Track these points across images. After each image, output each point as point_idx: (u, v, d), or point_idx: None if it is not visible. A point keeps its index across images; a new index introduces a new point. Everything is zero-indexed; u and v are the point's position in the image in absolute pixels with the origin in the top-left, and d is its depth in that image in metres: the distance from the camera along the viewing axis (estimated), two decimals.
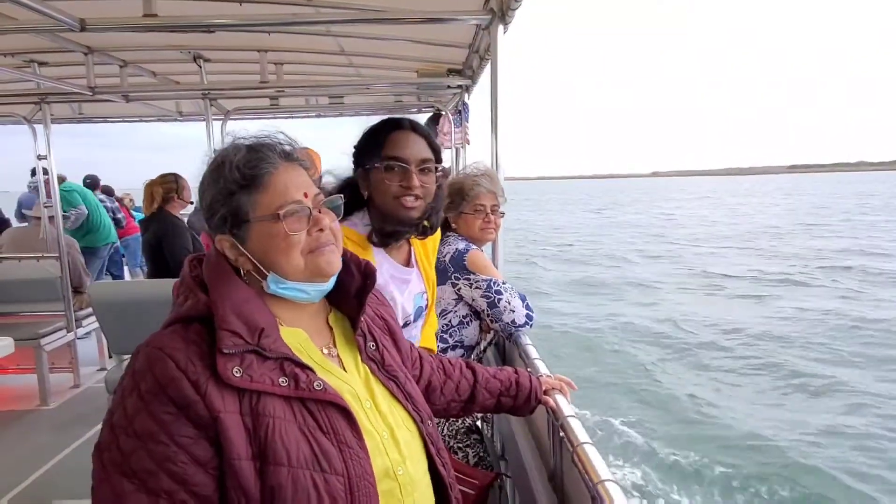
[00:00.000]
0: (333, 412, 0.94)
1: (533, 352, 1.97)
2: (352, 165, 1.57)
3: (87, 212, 6.16)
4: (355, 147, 1.54)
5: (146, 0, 2.56)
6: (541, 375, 1.59)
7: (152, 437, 0.81)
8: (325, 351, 1.05)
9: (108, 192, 7.83)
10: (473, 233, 2.28)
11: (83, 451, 3.57)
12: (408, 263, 1.66)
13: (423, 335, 1.78)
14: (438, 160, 1.50)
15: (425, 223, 1.53)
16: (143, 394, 0.83)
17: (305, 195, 0.99)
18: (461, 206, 2.27)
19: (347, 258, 1.09)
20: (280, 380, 0.90)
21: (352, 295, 1.11)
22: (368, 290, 1.11)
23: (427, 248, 1.77)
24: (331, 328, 1.10)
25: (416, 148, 1.47)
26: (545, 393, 1.52)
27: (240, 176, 0.96)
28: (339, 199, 1.06)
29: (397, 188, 1.45)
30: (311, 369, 0.95)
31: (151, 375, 0.84)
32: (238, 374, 0.86)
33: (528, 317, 2.13)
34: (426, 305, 1.69)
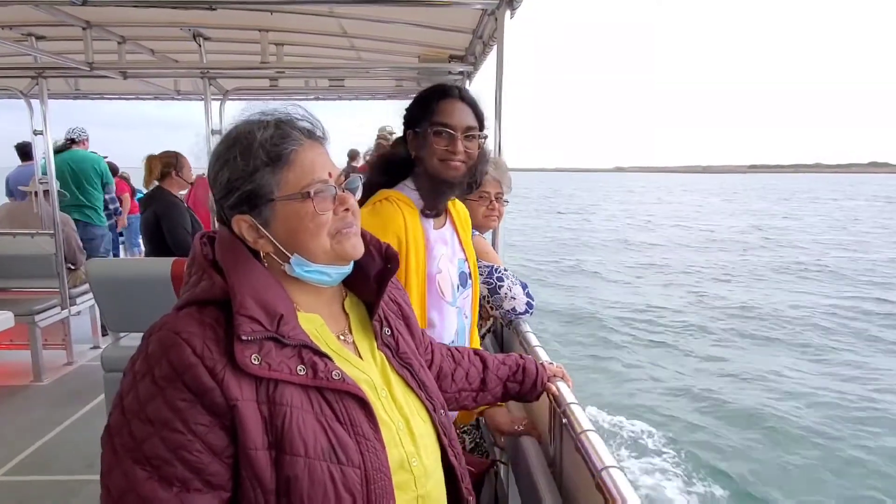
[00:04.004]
0: (351, 402, 0.91)
1: (533, 339, 1.98)
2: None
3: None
4: (406, 110, 1.64)
5: None
6: (542, 363, 1.59)
7: (167, 424, 0.79)
8: (341, 337, 1.02)
9: (113, 170, 7.64)
10: (477, 219, 2.27)
11: (76, 427, 3.57)
12: (443, 224, 1.75)
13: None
14: (482, 127, 1.60)
15: (469, 181, 1.66)
16: (157, 379, 0.81)
17: (330, 174, 0.95)
18: (465, 192, 2.27)
19: (367, 240, 1.05)
20: (298, 368, 0.87)
21: (371, 279, 1.08)
22: (391, 275, 1.08)
23: (462, 219, 1.82)
24: (346, 314, 1.07)
25: (463, 116, 1.56)
26: (548, 380, 1.52)
27: (264, 153, 0.91)
28: (358, 181, 1.03)
29: (443, 152, 1.55)
30: (329, 358, 0.92)
31: (166, 361, 0.81)
32: (256, 362, 0.84)
33: (529, 304, 2.14)
34: (469, 273, 1.74)
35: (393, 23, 3.72)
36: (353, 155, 8.67)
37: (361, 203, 1.63)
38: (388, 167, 1.69)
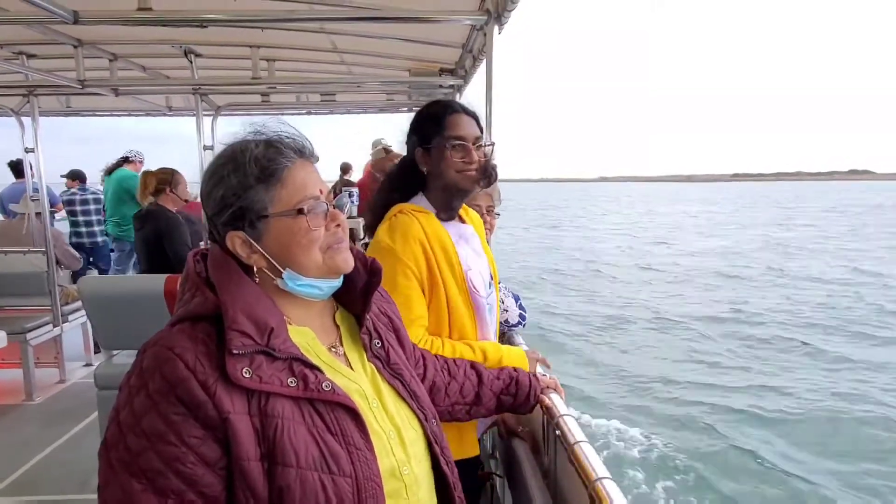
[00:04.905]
0: (342, 413, 0.93)
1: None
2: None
3: None
4: (412, 129, 1.72)
5: None
6: (535, 374, 1.60)
7: (161, 437, 0.81)
8: (332, 349, 1.04)
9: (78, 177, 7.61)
10: None
11: (69, 446, 3.54)
12: (461, 222, 1.82)
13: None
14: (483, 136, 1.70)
15: (483, 179, 1.73)
16: (151, 393, 0.82)
17: (321, 191, 0.98)
18: (483, 187, 2.31)
19: (354, 254, 1.07)
20: (289, 380, 0.89)
21: (358, 292, 1.10)
22: (374, 288, 1.10)
23: (477, 226, 1.87)
24: (337, 326, 1.09)
25: (472, 127, 1.65)
26: (541, 391, 1.53)
27: (258, 170, 0.94)
28: (345, 199, 1.06)
29: (460, 163, 1.62)
30: (319, 369, 0.94)
31: (160, 375, 0.83)
32: (247, 375, 0.85)
33: (522, 317, 2.16)
34: (491, 276, 1.79)
35: (383, 38, 3.76)
36: (345, 168, 8.70)
37: (376, 222, 1.67)
38: (398, 184, 1.74)
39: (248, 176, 0.94)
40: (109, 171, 5.93)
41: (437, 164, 1.64)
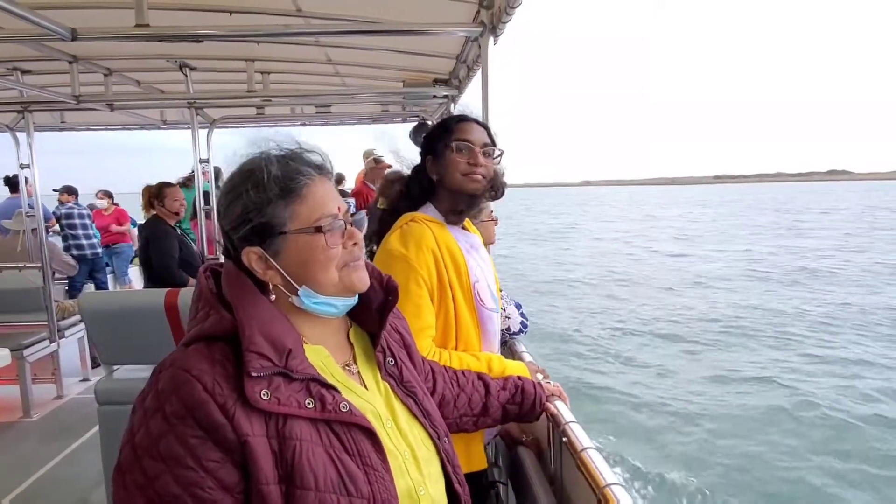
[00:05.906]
0: (358, 434, 0.92)
1: (529, 359, 2.00)
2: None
3: None
4: (425, 138, 1.76)
5: (138, 10, 2.54)
6: (539, 382, 1.61)
7: (178, 461, 0.79)
8: (347, 368, 1.03)
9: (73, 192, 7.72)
10: (490, 238, 2.32)
11: (67, 463, 3.52)
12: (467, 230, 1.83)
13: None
14: (494, 146, 1.72)
15: (492, 192, 1.77)
16: (168, 416, 0.81)
17: (339, 209, 0.98)
18: (492, 199, 2.35)
19: (370, 272, 1.06)
20: (307, 401, 0.88)
21: (373, 310, 1.10)
22: (391, 307, 1.09)
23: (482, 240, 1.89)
24: (351, 344, 1.08)
25: (480, 134, 1.69)
26: (546, 399, 1.54)
27: (277, 186, 0.93)
28: (362, 214, 1.06)
29: (465, 166, 1.65)
30: (336, 390, 0.93)
31: (177, 397, 0.82)
32: (266, 398, 0.84)
33: (523, 324, 2.17)
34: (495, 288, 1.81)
35: (377, 50, 3.78)
36: (339, 179, 8.71)
37: (385, 230, 1.69)
38: (408, 193, 1.76)
39: (268, 191, 0.93)
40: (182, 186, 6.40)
41: (443, 168, 1.67)
